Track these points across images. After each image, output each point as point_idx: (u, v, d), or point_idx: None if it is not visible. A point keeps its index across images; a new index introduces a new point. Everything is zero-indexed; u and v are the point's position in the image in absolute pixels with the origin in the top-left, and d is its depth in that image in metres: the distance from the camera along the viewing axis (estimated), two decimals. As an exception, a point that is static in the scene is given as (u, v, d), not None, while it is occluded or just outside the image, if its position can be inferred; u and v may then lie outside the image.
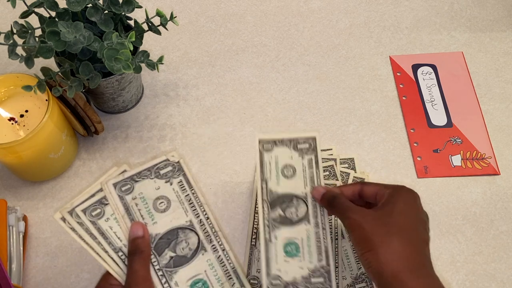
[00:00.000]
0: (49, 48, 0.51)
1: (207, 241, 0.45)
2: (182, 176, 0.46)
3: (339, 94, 0.70)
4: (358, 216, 0.43)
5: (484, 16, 0.77)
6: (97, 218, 0.43)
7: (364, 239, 0.41)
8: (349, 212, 0.44)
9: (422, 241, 0.42)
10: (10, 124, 0.56)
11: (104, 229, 0.43)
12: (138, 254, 0.43)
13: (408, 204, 0.43)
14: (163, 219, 0.45)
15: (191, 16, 0.77)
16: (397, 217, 0.42)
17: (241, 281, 0.46)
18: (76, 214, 0.43)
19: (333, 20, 0.77)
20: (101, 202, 0.44)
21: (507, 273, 0.57)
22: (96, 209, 0.43)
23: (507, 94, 0.70)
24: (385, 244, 0.40)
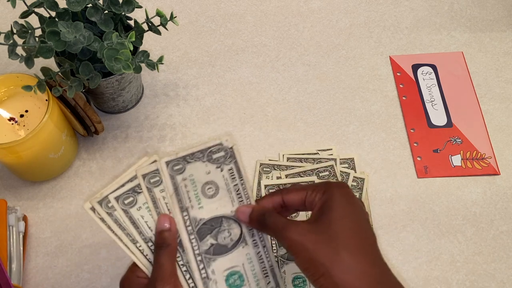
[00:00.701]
0: (49, 48, 0.51)
1: (249, 234, 0.43)
2: (233, 163, 0.44)
3: (339, 94, 0.70)
4: (298, 236, 0.37)
5: (484, 16, 0.77)
6: (129, 206, 0.42)
7: (312, 262, 0.36)
8: (286, 231, 0.38)
9: (372, 243, 0.38)
10: (10, 124, 0.56)
11: (136, 218, 0.42)
12: (165, 248, 0.41)
13: (345, 205, 0.38)
14: (209, 205, 0.43)
15: (191, 16, 0.77)
16: (339, 226, 0.37)
17: (277, 280, 0.44)
18: (106, 204, 0.42)
19: (333, 20, 0.77)
20: (134, 190, 0.43)
21: (507, 273, 0.57)
22: (129, 197, 0.42)
23: (507, 94, 0.70)
24: (336, 263, 0.35)
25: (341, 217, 0.37)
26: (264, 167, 0.63)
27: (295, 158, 0.64)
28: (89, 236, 0.59)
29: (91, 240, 0.59)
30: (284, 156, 0.64)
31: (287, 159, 0.64)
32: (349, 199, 0.39)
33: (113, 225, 0.42)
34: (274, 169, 0.63)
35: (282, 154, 0.65)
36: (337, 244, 0.36)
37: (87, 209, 0.42)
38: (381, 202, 0.61)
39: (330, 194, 0.39)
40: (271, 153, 0.65)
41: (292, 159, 0.64)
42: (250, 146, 0.66)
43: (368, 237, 0.38)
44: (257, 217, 0.42)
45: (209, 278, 0.42)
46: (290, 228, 0.38)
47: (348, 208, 0.38)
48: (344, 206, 0.38)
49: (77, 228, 0.60)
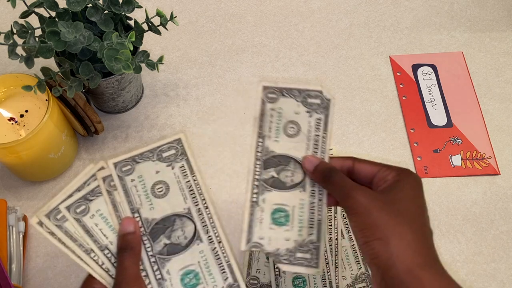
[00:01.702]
0: (49, 48, 0.51)
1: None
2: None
3: (339, 94, 0.70)
4: (365, 198, 0.37)
5: (484, 16, 0.77)
6: (82, 215, 0.42)
7: (372, 225, 0.36)
8: (353, 191, 0.38)
9: (431, 233, 0.38)
10: (10, 124, 0.56)
11: (90, 226, 0.42)
12: (129, 250, 0.41)
13: (417, 192, 0.39)
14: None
15: (191, 16, 0.77)
16: (408, 205, 0.37)
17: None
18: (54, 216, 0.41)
19: (333, 20, 0.77)
20: (85, 198, 0.42)
21: (507, 273, 0.57)
22: (80, 206, 0.42)
23: (507, 94, 0.70)
24: (397, 234, 0.35)
25: (412, 200, 0.38)
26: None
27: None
28: (89, 236, 0.59)
29: (91, 240, 0.59)
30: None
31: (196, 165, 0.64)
32: (420, 189, 0.40)
33: (64, 237, 0.42)
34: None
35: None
36: (402, 219, 0.36)
37: (34, 224, 0.41)
38: (381, 202, 0.61)
39: (406, 177, 0.39)
40: (271, 153, 0.65)
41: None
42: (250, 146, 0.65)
43: (429, 227, 0.38)
44: (324, 171, 0.41)
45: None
46: (358, 189, 0.38)
47: (419, 196, 0.39)
48: (416, 193, 0.39)
49: (77, 228, 0.60)
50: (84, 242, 0.42)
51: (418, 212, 0.38)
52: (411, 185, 0.39)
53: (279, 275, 0.55)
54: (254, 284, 0.55)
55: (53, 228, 0.41)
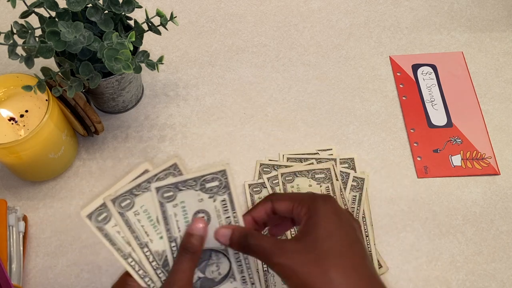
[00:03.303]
0: (49, 48, 0.51)
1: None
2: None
3: (339, 94, 0.70)
4: (286, 260, 0.36)
5: (484, 16, 0.77)
6: (103, 223, 0.41)
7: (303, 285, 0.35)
8: (274, 256, 0.37)
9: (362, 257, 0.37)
10: (10, 124, 0.56)
11: (112, 234, 0.41)
12: (191, 253, 0.39)
13: (331, 220, 0.37)
14: None
15: (191, 16, 0.77)
16: (326, 244, 0.36)
17: None
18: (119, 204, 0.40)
19: (333, 20, 0.77)
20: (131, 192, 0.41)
21: (507, 273, 0.57)
22: (102, 214, 0.41)
23: (507, 94, 0.70)
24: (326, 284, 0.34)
25: (328, 234, 0.36)
26: (264, 167, 0.63)
27: (295, 158, 0.64)
28: (89, 236, 0.59)
29: (91, 240, 0.59)
30: (284, 156, 0.64)
31: (287, 159, 0.64)
32: (336, 213, 0.38)
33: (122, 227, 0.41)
34: (274, 169, 0.63)
35: (282, 154, 0.65)
36: (326, 264, 0.35)
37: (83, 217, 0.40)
38: (381, 202, 0.61)
39: (315, 210, 0.38)
40: (271, 153, 0.65)
41: (292, 159, 0.64)
42: (250, 146, 0.66)
43: (358, 252, 0.37)
44: (239, 240, 0.40)
45: None
46: (277, 252, 0.37)
47: (334, 224, 0.37)
48: (331, 222, 0.37)
49: (77, 228, 0.60)
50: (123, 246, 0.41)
51: (340, 244, 0.36)
52: (323, 215, 0.37)
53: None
54: (254, 284, 0.55)
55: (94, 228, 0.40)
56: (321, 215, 0.37)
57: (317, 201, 0.38)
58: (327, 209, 0.38)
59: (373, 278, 0.36)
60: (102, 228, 0.41)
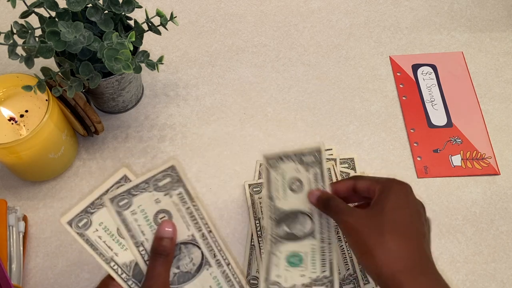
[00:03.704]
0: (49, 48, 0.51)
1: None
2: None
3: (339, 94, 0.70)
4: (352, 219, 0.42)
5: (484, 16, 0.77)
6: (84, 229, 0.41)
7: (360, 242, 0.41)
8: (342, 215, 0.43)
9: (419, 235, 0.41)
10: (10, 124, 0.56)
11: (93, 239, 0.41)
12: (164, 256, 0.41)
13: (399, 198, 0.43)
14: None
15: (191, 16, 0.77)
16: (390, 215, 0.41)
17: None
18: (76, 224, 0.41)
19: (333, 20, 0.77)
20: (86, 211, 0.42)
21: (507, 273, 0.57)
22: (82, 219, 0.41)
23: (507, 94, 0.70)
24: (380, 245, 0.40)
25: (393, 207, 0.42)
26: None
27: (295, 158, 0.64)
28: (89, 236, 0.59)
29: (91, 240, 0.59)
30: (284, 156, 0.64)
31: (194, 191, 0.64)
32: (405, 194, 0.43)
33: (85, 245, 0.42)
34: None
35: (282, 154, 0.65)
36: (383, 229, 0.40)
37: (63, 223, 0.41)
38: (381, 202, 0.61)
39: (388, 187, 0.43)
40: (271, 153, 0.65)
41: (292, 159, 0.64)
42: (250, 146, 0.66)
43: (416, 229, 0.41)
44: (323, 200, 0.46)
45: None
46: (347, 213, 0.43)
47: (401, 201, 0.42)
48: (399, 198, 0.42)
49: (77, 228, 0.60)
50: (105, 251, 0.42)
51: (401, 218, 0.41)
52: (394, 194, 0.43)
53: None
54: (254, 284, 0.55)
55: (75, 235, 0.42)
56: (392, 192, 0.43)
57: (392, 182, 0.44)
58: (400, 189, 0.44)
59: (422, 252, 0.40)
60: (83, 234, 0.42)
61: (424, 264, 0.40)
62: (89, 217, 0.42)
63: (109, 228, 0.42)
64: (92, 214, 0.42)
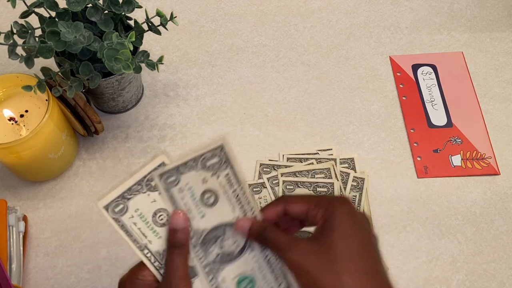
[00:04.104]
0: (49, 48, 0.51)
1: None
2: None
3: (339, 94, 0.70)
4: (299, 256, 0.36)
5: (484, 16, 0.77)
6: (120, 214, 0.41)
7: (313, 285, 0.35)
8: (287, 252, 0.37)
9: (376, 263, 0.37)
10: (10, 124, 0.56)
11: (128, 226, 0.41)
12: (179, 248, 0.40)
13: (347, 223, 0.37)
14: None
15: (191, 16, 0.77)
16: (342, 248, 0.36)
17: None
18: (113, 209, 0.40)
19: (333, 20, 0.77)
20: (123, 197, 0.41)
21: (507, 273, 0.57)
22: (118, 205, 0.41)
23: (507, 94, 0.70)
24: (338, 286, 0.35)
25: (343, 237, 0.36)
26: (264, 167, 0.63)
27: (295, 158, 0.64)
28: (89, 236, 0.59)
29: (91, 240, 0.59)
30: (284, 156, 0.64)
31: (287, 159, 0.64)
32: (353, 217, 0.38)
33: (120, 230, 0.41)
34: (274, 169, 0.63)
35: (282, 154, 0.65)
36: (339, 268, 0.35)
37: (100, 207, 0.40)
38: (381, 202, 0.61)
39: (332, 212, 0.38)
40: (271, 153, 0.65)
41: (292, 159, 0.64)
42: (250, 146, 0.66)
43: (372, 259, 0.37)
44: (257, 232, 0.41)
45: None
46: (291, 248, 0.37)
47: (351, 227, 0.37)
48: (347, 225, 0.37)
49: (77, 228, 0.60)
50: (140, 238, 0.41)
51: (355, 247, 0.36)
52: (340, 218, 0.37)
53: None
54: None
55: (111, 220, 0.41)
56: (337, 218, 0.37)
57: (334, 204, 0.38)
58: (345, 212, 0.38)
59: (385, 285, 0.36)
60: (119, 219, 0.41)
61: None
62: (126, 203, 0.41)
63: (145, 215, 0.42)
64: (128, 200, 0.41)
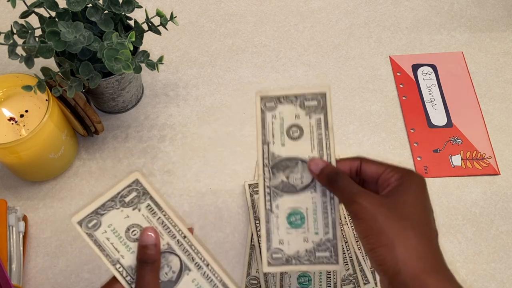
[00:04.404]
0: (49, 48, 0.51)
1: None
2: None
3: (339, 94, 0.70)
4: (369, 204, 0.37)
5: (484, 16, 0.77)
6: (93, 229, 0.42)
7: (377, 232, 0.36)
8: (358, 197, 0.38)
9: (436, 235, 0.38)
10: (10, 124, 0.56)
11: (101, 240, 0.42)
12: (150, 264, 0.41)
13: (420, 193, 0.39)
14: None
15: (191, 16, 0.77)
16: (412, 209, 0.37)
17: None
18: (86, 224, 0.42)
19: (333, 20, 0.77)
20: (97, 212, 0.42)
21: (507, 273, 0.57)
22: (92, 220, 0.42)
23: (507, 94, 0.70)
24: (402, 239, 0.36)
25: (415, 203, 0.38)
26: None
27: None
28: (89, 236, 0.59)
29: (91, 240, 0.59)
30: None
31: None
32: (425, 191, 0.40)
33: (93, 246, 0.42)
34: None
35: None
36: (407, 223, 0.36)
37: (74, 223, 0.42)
38: (381, 202, 0.61)
39: (409, 179, 0.39)
40: (271, 153, 0.65)
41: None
42: (250, 146, 0.66)
43: (433, 228, 0.38)
44: (329, 174, 0.41)
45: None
46: (363, 195, 0.38)
47: (422, 198, 0.39)
48: (420, 194, 0.39)
49: (77, 228, 0.60)
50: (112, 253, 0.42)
51: (422, 215, 0.38)
52: (415, 187, 0.39)
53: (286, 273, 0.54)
54: (254, 284, 0.55)
55: (84, 235, 0.42)
56: (414, 185, 0.39)
57: (413, 174, 0.40)
58: (420, 183, 0.40)
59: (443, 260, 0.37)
60: (92, 234, 0.42)
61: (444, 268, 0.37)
62: (99, 218, 0.42)
63: (118, 230, 0.43)
64: (102, 215, 0.42)
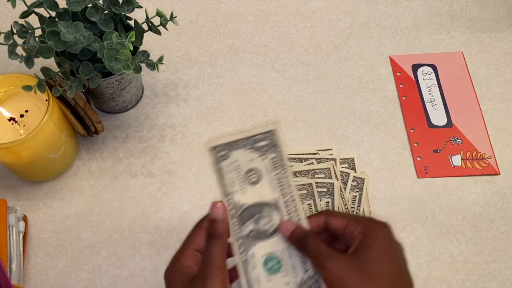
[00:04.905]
0: (49, 48, 0.51)
1: None
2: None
3: (339, 94, 0.70)
4: (337, 268, 0.37)
5: (484, 16, 0.77)
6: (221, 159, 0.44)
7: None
8: (325, 261, 0.38)
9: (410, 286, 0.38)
10: (10, 124, 0.56)
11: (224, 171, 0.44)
12: (217, 238, 0.41)
13: (386, 244, 0.38)
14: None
15: (191, 16, 0.77)
16: (379, 265, 0.37)
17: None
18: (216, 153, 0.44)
19: (333, 20, 0.77)
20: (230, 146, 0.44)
21: (507, 273, 0.57)
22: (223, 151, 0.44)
23: (507, 94, 0.70)
24: None
25: (382, 258, 0.37)
26: None
27: (295, 158, 0.64)
28: (89, 236, 0.59)
29: (91, 240, 0.59)
30: (284, 156, 0.64)
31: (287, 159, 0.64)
32: (391, 240, 0.39)
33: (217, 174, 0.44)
34: None
35: (282, 154, 0.65)
36: (376, 284, 0.36)
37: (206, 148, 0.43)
38: (381, 202, 0.61)
39: (372, 231, 0.39)
40: (271, 153, 0.65)
41: (292, 159, 0.64)
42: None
43: (406, 279, 0.38)
44: (298, 237, 0.42)
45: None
46: (330, 259, 0.38)
47: (389, 250, 0.38)
48: (385, 247, 0.38)
49: (77, 228, 0.60)
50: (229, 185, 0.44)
51: (392, 268, 0.37)
52: (379, 238, 0.38)
53: None
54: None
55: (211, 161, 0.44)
56: (378, 238, 0.38)
57: (374, 224, 0.40)
58: (384, 234, 0.39)
59: None
60: (218, 162, 0.44)
61: None
62: (230, 151, 0.44)
63: (241, 168, 0.44)
64: (232, 150, 0.44)
